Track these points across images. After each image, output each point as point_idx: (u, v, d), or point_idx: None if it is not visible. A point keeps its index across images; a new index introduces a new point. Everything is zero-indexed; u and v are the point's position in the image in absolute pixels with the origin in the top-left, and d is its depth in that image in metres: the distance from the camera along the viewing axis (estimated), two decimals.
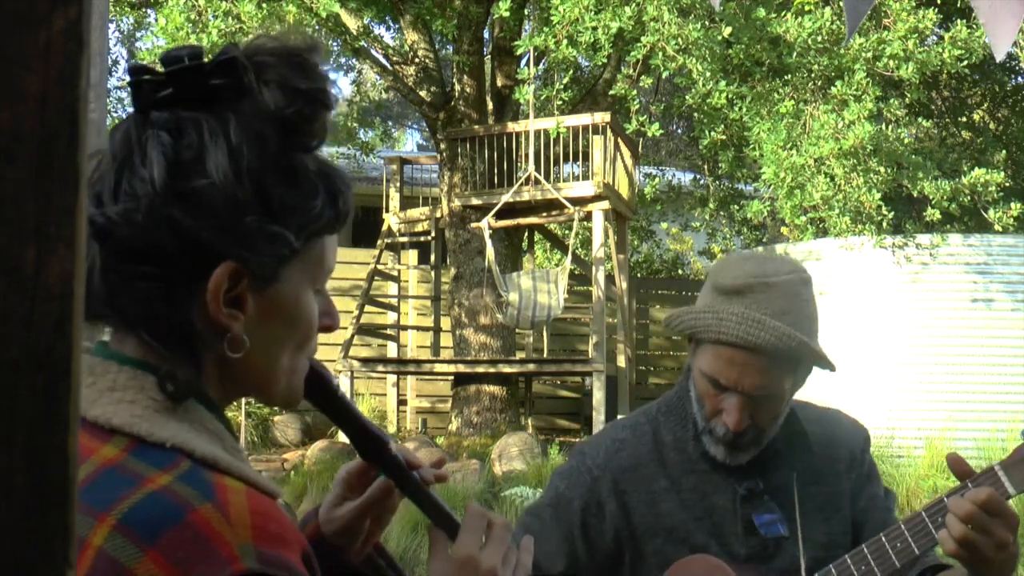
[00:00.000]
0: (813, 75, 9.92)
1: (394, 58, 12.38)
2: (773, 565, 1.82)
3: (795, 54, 9.66)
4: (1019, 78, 14.59)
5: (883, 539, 1.77)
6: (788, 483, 1.85)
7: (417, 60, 11.99)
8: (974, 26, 9.76)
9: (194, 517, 0.87)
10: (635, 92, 10.32)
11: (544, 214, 11.55)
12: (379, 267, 11.95)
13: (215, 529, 0.87)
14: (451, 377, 11.86)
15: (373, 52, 12.33)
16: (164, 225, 0.92)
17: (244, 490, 0.91)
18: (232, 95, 0.94)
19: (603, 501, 1.86)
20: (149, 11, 12.45)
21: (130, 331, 0.97)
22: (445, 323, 12.42)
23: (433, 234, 12.10)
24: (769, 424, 1.80)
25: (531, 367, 11.59)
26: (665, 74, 10.37)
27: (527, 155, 10.96)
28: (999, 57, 1.34)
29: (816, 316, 1.79)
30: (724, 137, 10.50)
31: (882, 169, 9.45)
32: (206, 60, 0.95)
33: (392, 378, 12.24)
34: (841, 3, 5.02)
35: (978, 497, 1.65)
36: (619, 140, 11.56)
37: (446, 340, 12.43)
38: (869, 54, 9.58)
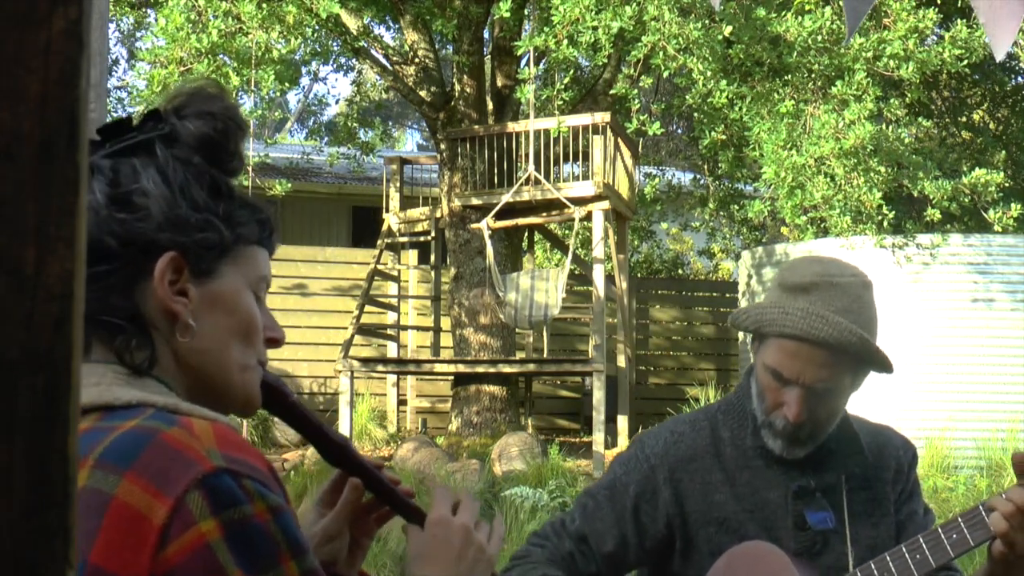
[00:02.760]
0: (813, 75, 9.91)
1: (394, 58, 12.37)
2: (821, 561, 1.89)
3: (795, 54, 9.66)
4: (1019, 78, 14.59)
5: (939, 531, 1.83)
6: (839, 483, 1.94)
7: (417, 60, 11.99)
8: (974, 26, 9.76)
9: (162, 437, 0.98)
10: (636, 92, 10.32)
11: (544, 214, 11.54)
12: (379, 267, 11.95)
13: (182, 442, 0.98)
14: (451, 377, 11.86)
15: (373, 52, 12.32)
16: (109, 227, 1.06)
17: (207, 421, 1.03)
18: (157, 140, 1.11)
19: (658, 489, 1.95)
20: (149, 11, 12.45)
21: (92, 340, 1.08)
22: (445, 323, 12.42)
23: (433, 234, 12.09)
24: (826, 420, 1.89)
25: (531, 367, 11.58)
26: (666, 74, 10.37)
27: (527, 155, 10.95)
28: (999, 57, 1.34)
29: (876, 319, 1.88)
30: (724, 137, 10.50)
31: (882, 169, 9.45)
32: (131, 118, 1.14)
33: (392, 378, 12.24)
34: (841, 3, 5.02)
35: None
36: (619, 140, 11.55)
37: (446, 340, 12.42)
38: (869, 54, 9.57)
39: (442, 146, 11.94)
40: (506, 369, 11.17)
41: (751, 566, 1.84)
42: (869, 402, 10.83)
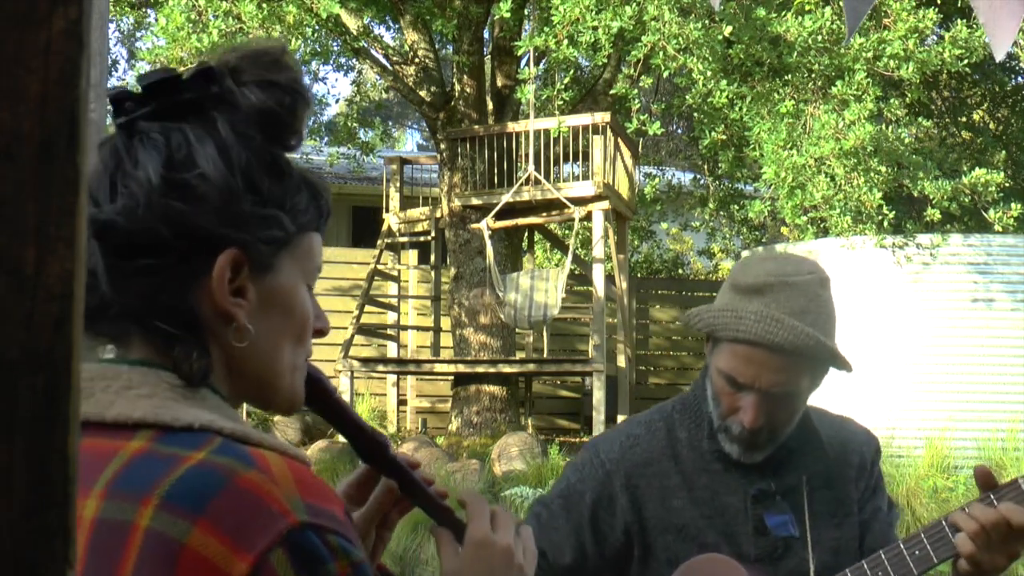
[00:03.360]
0: (813, 75, 9.92)
1: (394, 58, 12.37)
2: (782, 567, 1.83)
3: (795, 54, 9.66)
4: (1019, 78, 14.59)
5: (901, 546, 1.78)
6: (800, 484, 1.86)
7: (417, 60, 12.00)
8: (974, 26, 9.77)
9: (238, 481, 0.88)
10: (636, 92, 10.32)
11: (544, 214, 11.55)
12: (379, 267, 11.95)
13: (263, 488, 0.88)
14: (451, 377, 11.86)
15: (373, 52, 12.33)
16: (163, 215, 0.94)
17: (280, 457, 0.93)
18: (211, 103, 0.98)
19: (615, 495, 1.86)
20: (149, 11, 12.45)
21: (134, 335, 0.99)
22: (445, 323, 12.42)
23: (433, 234, 12.10)
24: (784, 423, 1.81)
25: (531, 367, 11.59)
26: (666, 74, 10.38)
27: (527, 155, 10.96)
28: (999, 57, 1.34)
29: (834, 317, 1.81)
30: (724, 137, 10.50)
31: (883, 169, 9.46)
32: (180, 75, 0.99)
33: (392, 378, 12.25)
34: (841, 3, 5.02)
35: (1006, 512, 1.69)
36: (619, 140, 11.56)
37: (446, 340, 12.43)
38: (869, 54, 9.58)
39: (442, 146, 11.95)
40: (506, 369, 11.17)
41: None
42: (869, 402, 10.74)
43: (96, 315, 0.96)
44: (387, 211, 12.29)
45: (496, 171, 11.43)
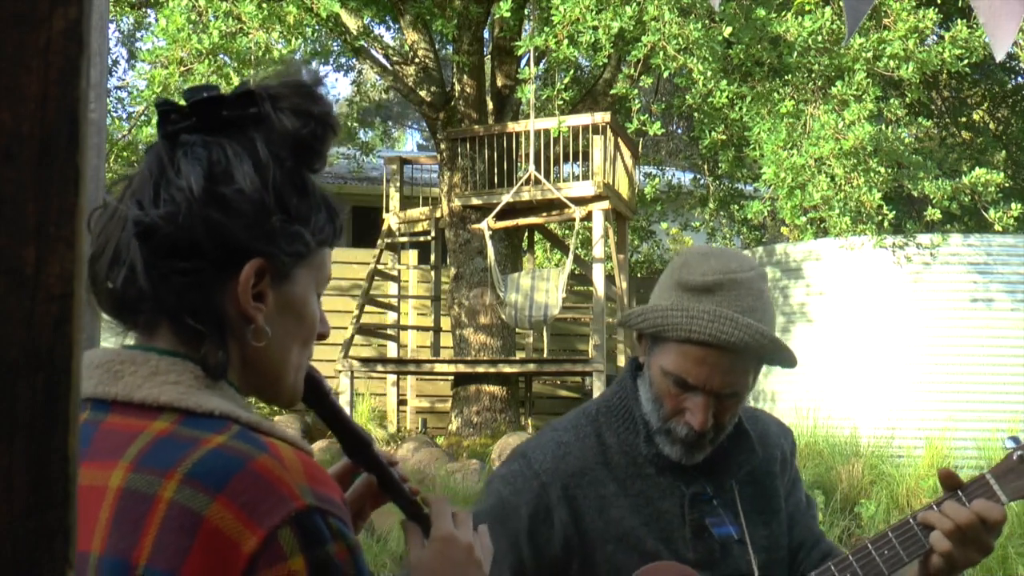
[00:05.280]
0: (813, 75, 9.92)
1: (394, 58, 12.38)
2: (721, 569, 1.80)
3: (795, 54, 9.66)
4: (1019, 78, 14.59)
5: (870, 547, 1.77)
6: (732, 484, 1.85)
7: (417, 60, 12.00)
8: (974, 26, 9.77)
9: (254, 465, 1.00)
10: (636, 91, 10.33)
11: (544, 214, 11.55)
12: (379, 267, 11.95)
13: (274, 473, 1.01)
14: (451, 377, 11.86)
15: (373, 52, 12.33)
16: (201, 224, 1.05)
17: (289, 446, 1.05)
18: (249, 123, 1.10)
19: (552, 508, 1.79)
20: (149, 11, 12.46)
21: (162, 326, 1.10)
22: (445, 323, 12.42)
23: (433, 234, 12.10)
24: (729, 423, 1.79)
25: (531, 367, 11.59)
26: (666, 74, 10.38)
27: (527, 155, 10.96)
28: (999, 57, 1.34)
29: (774, 312, 1.80)
30: (724, 137, 10.51)
31: (882, 169, 9.46)
32: (224, 94, 1.11)
33: (392, 378, 12.25)
34: (841, 3, 5.02)
35: (980, 510, 1.72)
36: (619, 140, 11.56)
37: (446, 340, 12.43)
38: (869, 54, 9.58)
39: (442, 146, 11.95)
40: (506, 369, 11.17)
41: None
42: (869, 402, 10.69)
43: (132, 306, 1.09)
44: (387, 211, 12.29)
45: (496, 171, 11.43)
